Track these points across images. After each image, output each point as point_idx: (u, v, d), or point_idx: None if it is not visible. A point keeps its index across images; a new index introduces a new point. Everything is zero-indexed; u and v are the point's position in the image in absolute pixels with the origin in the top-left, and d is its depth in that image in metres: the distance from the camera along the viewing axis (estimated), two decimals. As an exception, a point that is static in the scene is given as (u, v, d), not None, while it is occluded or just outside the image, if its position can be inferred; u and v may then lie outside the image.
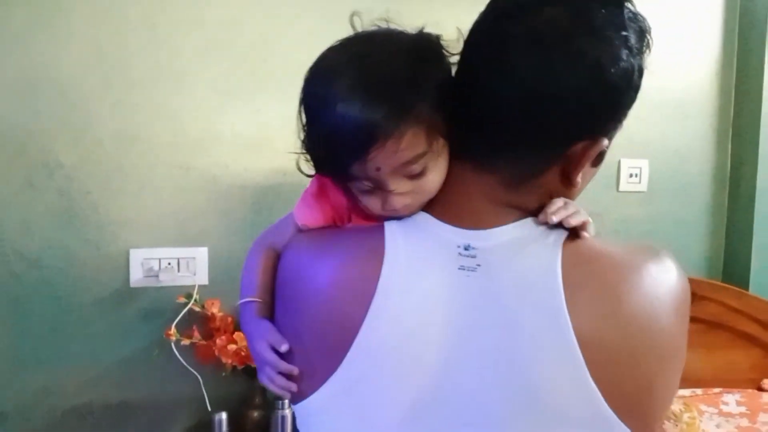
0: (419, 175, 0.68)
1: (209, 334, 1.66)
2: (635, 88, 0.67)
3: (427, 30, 0.71)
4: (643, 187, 2.08)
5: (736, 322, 2.03)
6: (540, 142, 0.67)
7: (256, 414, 1.68)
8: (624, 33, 0.64)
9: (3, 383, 1.63)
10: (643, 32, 0.67)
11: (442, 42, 0.71)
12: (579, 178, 0.70)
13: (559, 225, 0.69)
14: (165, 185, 1.69)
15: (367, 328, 0.65)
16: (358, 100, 0.63)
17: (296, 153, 0.76)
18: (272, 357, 0.73)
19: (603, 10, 0.64)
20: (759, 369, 2.06)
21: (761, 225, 2.08)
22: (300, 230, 0.81)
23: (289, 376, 0.72)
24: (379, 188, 0.68)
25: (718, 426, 1.74)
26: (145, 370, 1.70)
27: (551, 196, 0.71)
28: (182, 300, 1.67)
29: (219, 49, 1.69)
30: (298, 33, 1.74)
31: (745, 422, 1.78)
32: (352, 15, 0.75)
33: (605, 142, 0.68)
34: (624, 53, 0.63)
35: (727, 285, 2.07)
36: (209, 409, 1.64)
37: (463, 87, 0.68)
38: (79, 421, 1.68)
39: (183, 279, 1.70)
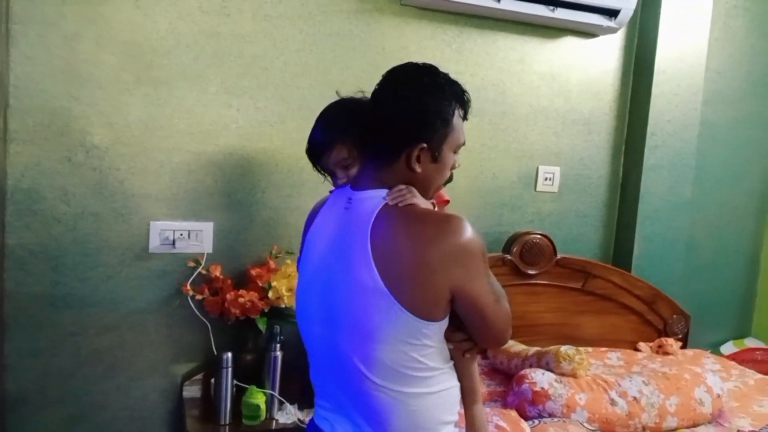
0: (348, 167, 1.30)
1: (214, 292, 2.03)
2: (443, 121, 1.19)
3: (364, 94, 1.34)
4: (555, 188, 2.61)
5: (620, 296, 2.60)
6: (389, 146, 1.20)
7: (249, 357, 2.07)
8: (437, 91, 1.18)
9: (38, 324, 1.96)
10: (456, 93, 1.21)
11: (363, 100, 1.33)
12: (416, 167, 1.18)
13: None
14: (180, 168, 2.04)
15: (307, 237, 1.31)
16: (321, 132, 1.35)
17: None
18: None
19: (425, 79, 1.19)
20: (636, 333, 2.65)
21: (643, 221, 2.65)
22: None
23: None
24: (330, 173, 1.34)
25: (602, 372, 2.27)
26: (157, 318, 2.06)
27: (403, 177, 1.20)
28: (192, 264, 2.04)
29: (230, 56, 2.06)
30: (293, 49, 2.14)
31: (622, 371, 2.33)
32: (337, 91, 1.45)
33: (423, 145, 1.17)
34: (432, 101, 1.17)
35: (614, 267, 2.63)
36: (215, 352, 2.02)
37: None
38: (99, 357, 2.02)
39: (193, 247, 2.06)
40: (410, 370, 1.16)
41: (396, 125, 1.17)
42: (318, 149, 1.30)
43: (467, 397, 1.33)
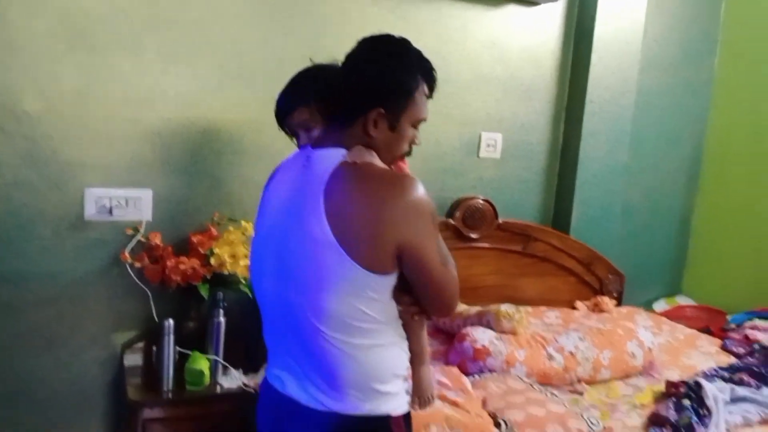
0: (309, 129, 1.38)
1: (154, 260, 2.02)
2: (405, 92, 1.24)
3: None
4: (497, 155, 2.65)
5: (559, 258, 2.69)
6: (350, 108, 1.25)
7: (191, 324, 2.06)
8: (403, 62, 1.25)
9: (-27, 299, 1.90)
10: (424, 68, 1.27)
11: (332, 66, 1.40)
12: (372, 131, 1.23)
13: None
14: (117, 135, 2.00)
15: (265, 195, 1.36)
16: (285, 96, 1.47)
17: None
18: None
19: (394, 49, 1.26)
20: (574, 293, 2.75)
21: (581, 186, 2.72)
22: None
23: None
24: (295, 135, 1.41)
25: (541, 330, 2.35)
26: (97, 289, 2.03)
27: (360, 140, 1.24)
28: (130, 232, 2.02)
29: (167, 21, 2.01)
30: (232, 14, 2.10)
31: (560, 329, 2.42)
32: (310, 58, 1.49)
33: (381, 110, 1.22)
34: (398, 71, 1.23)
35: (553, 230, 2.71)
36: (156, 320, 2.01)
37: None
38: (38, 331, 1.99)
39: (131, 215, 2.03)
40: (357, 321, 1.20)
41: (358, 88, 1.24)
42: (282, 112, 1.41)
43: (415, 359, 1.38)
